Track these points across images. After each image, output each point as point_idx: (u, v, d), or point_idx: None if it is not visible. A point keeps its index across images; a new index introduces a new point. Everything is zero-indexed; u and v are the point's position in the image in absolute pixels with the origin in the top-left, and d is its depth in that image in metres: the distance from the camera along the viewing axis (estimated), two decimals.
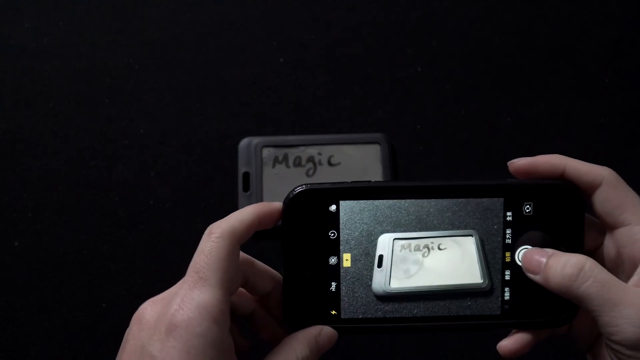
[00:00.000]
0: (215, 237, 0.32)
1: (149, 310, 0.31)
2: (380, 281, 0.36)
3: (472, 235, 0.36)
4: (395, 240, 0.36)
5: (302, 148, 0.60)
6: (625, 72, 0.64)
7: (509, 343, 0.36)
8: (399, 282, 0.36)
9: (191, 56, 0.63)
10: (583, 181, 0.35)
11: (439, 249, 0.36)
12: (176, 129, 0.62)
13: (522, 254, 0.36)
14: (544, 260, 0.34)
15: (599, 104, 0.63)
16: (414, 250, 0.36)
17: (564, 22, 0.65)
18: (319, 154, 0.60)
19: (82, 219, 0.59)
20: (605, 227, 0.36)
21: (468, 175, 0.61)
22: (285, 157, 0.60)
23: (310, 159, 0.60)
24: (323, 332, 0.35)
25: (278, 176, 0.59)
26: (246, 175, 0.59)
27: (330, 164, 0.60)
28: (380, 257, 0.36)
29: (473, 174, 0.60)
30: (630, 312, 0.31)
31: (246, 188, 0.59)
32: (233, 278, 0.32)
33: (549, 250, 0.35)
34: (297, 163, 0.60)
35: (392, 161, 0.60)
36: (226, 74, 0.63)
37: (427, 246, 0.36)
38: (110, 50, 0.63)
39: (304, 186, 0.35)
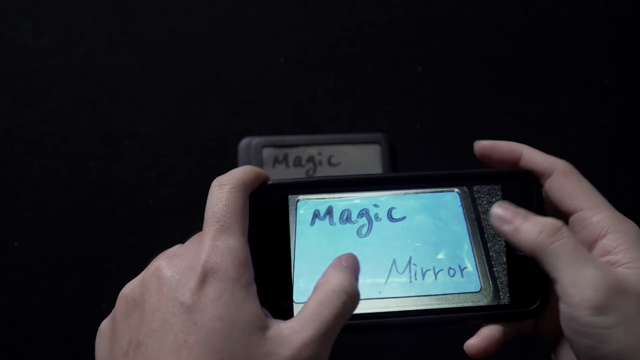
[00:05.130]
0: (229, 187, 0.32)
1: (166, 267, 0.30)
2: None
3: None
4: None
5: (302, 148, 0.60)
6: (625, 72, 0.64)
7: (476, 342, 0.35)
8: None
9: (191, 56, 0.63)
10: (537, 169, 0.36)
11: None
12: (176, 129, 0.62)
13: (495, 207, 0.35)
14: (522, 211, 0.35)
15: (599, 104, 0.63)
16: None
17: (564, 22, 0.65)
18: (319, 154, 0.60)
19: (82, 219, 0.59)
20: (562, 217, 0.35)
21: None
22: (285, 157, 0.60)
23: (311, 159, 0.60)
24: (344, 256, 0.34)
25: (278, 176, 0.59)
26: None
27: (330, 163, 0.60)
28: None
29: None
30: (594, 274, 0.31)
31: None
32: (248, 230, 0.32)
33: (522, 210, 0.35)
34: (297, 163, 0.60)
35: (392, 161, 0.60)
36: (226, 74, 0.63)
37: None
38: (110, 50, 0.63)
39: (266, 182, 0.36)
